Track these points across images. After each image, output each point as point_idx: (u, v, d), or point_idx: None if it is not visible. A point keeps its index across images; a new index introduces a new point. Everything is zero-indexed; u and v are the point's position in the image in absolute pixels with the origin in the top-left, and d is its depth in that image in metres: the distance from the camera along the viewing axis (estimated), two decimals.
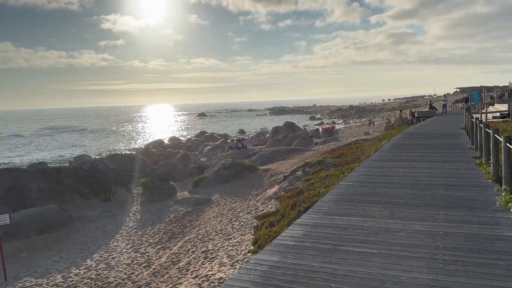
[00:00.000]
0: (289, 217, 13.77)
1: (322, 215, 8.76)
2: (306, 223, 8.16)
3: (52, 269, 15.71)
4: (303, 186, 18.04)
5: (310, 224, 8.10)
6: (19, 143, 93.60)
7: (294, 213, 13.99)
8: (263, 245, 12.39)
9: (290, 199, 16.38)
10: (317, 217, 8.58)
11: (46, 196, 23.48)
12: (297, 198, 16.16)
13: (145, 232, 19.76)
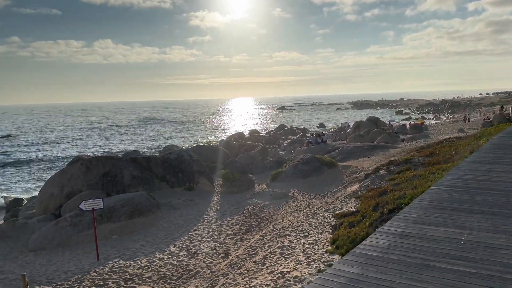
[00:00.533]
0: (370, 219, 12.99)
1: (410, 223, 7.94)
2: (391, 232, 7.44)
3: (139, 252, 16.79)
4: (387, 186, 16.96)
5: (396, 233, 7.37)
6: (116, 132, 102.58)
7: (376, 215, 13.16)
8: (341, 246, 11.85)
9: (372, 199, 15.48)
10: (404, 225, 7.77)
11: (136, 183, 25.23)
12: (380, 198, 15.21)
13: (224, 222, 20.23)
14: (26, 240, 19.96)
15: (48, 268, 15.73)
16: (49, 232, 19.47)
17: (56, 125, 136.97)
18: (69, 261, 16.50)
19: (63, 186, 23.90)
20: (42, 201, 23.92)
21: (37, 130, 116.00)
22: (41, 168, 52.69)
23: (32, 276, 14.80)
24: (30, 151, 69.62)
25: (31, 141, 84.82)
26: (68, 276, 14.45)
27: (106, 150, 65.60)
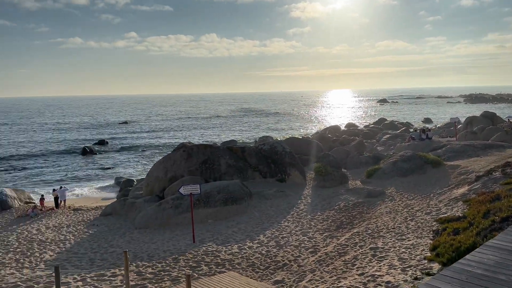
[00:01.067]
0: (479, 227, 11.56)
1: None
2: (503, 247, 6.37)
3: (231, 238, 17.37)
4: (501, 191, 14.97)
5: (509, 249, 6.36)
6: (217, 123, 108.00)
7: (486, 223, 11.67)
8: (442, 253, 10.74)
9: (483, 205, 13.79)
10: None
11: (231, 171, 26.16)
12: (492, 204, 13.48)
13: (314, 217, 19.90)
14: (133, 218, 22.04)
15: (150, 246, 17.13)
16: (153, 212, 21.21)
17: (164, 114, 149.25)
18: (169, 240, 17.77)
19: (167, 170, 25.82)
20: (148, 183, 26.17)
21: (148, 118, 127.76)
22: (150, 152, 57.87)
23: (136, 252, 16.25)
24: (142, 137, 76.92)
25: (143, 128, 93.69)
26: (166, 255, 15.56)
27: (207, 139, 69.47)
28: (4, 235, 20.55)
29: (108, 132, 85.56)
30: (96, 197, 33.39)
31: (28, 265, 15.14)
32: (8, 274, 14.06)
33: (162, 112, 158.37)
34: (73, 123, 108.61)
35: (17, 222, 23.81)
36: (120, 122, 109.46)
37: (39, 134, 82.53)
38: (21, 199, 29.21)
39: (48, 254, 16.71)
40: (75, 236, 19.66)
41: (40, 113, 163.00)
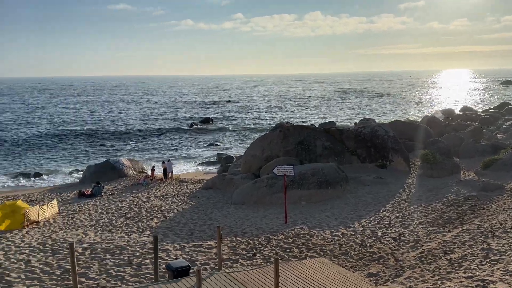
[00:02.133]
0: None
1: None
2: None
3: (324, 223, 16.93)
4: None
5: None
6: (316, 103, 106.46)
7: None
8: None
9: None
10: None
11: (327, 153, 25.44)
12: None
13: (417, 208, 18.36)
14: (231, 193, 22.87)
15: (244, 222, 17.57)
16: (249, 190, 21.72)
17: (265, 94, 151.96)
18: (262, 218, 18.02)
19: (263, 149, 26.15)
20: (246, 161, 26.85)
21: (250, 98, 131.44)
22: (249, 131, 59.55)
23: (231, 227, 16.80)
24: (243, 115, 79.47)
25: (245, 107, 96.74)
26: (259, 233, 15.78)
27: (304, 120, 68.94)
28: (119, 200, 23.00)
29: (213, 110, 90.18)
30: (199, 170, 35.51)
31: (136, 230, 16.67)
32: (118, 237, 15.65)
33: (263, 92, 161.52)
34: (181, 102, 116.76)
35: (130, 189, 26.47)
36: (224, 101, 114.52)
37: (152, 111, 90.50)
38: (135, 168, 32.38)
39: (154, 221, 18.20)
40: (178, 206, 21.11)
41: (155, 91, 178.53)
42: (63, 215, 20.00)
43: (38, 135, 55.53)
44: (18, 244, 14.55)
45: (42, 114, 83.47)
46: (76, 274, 8.85)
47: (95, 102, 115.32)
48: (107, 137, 54.57)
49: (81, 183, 30.17)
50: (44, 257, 13.06)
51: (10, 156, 42.61)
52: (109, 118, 75.62)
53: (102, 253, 13.59)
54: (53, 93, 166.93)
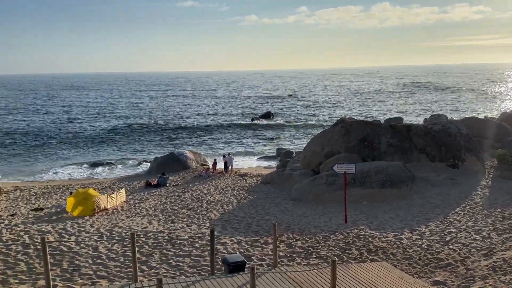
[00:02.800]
0: None
1: None
2: None
3: (387, 225, 16.11)
4: None
5: None
6: (382, 98, 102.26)
7: None
8: None
9: None
10: None
11: (393, 151, 24.21)
12: None
13: (492, 213, 16.82)
14: (289, 189, 22.64)
15: (302, 219, 17.27)
16: (307, 186, 21.33)
17: (327, 88, 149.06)
18: (320, 216, 17.59)
19: (323, 145, 25.54)
20: (305, 157, 26.43)
21: (312, 92, 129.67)
22: (309, 126, 58.73)
23: (288, 223, 16.59)
24: (304, 110, 78.58)
25: (306, 102, 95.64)
26: (317, 231, 15.41)
27: (368, 115, 66.52)
28: (182, 191, 23.77)
29: (274, 105, 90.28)
30: (259, 165, 35.68)
31: (196, 222, 17.07)
32: (179, 227, 16.13)
33: (325, 87, 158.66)
34: (243, 96, 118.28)
35: (193, 181, 27.27)
36: (285, 96, 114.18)
37: (214, 106, 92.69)
38: (198, 161, 33.32)
39: (213, 213, 18.54)
40: (237, 200, 21.33)
41: (218, 86, 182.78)
42: (130, 203, 21.08)
43: (111, 128, 59.32)
44: (88, 230, 15.55)
45: (115, 108, 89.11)
46: (136, 264, 9.20)
47: (162, 97, 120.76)
48: (172, 130, 56.84)
49: (148, 173, 31.71)
50: (110, 244, 13.82)
51: (85, 147, 45.97)
52: (175, 113, 78.74)
53: (163, 243, 14.07)
54: (126, 87, 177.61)
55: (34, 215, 18.34)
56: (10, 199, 22.60)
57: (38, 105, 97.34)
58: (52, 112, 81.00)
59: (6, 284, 10.16)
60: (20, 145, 46.84)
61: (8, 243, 13.55)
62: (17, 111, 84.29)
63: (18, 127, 60.51)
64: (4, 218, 17.59)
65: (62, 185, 27.97)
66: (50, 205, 20.79)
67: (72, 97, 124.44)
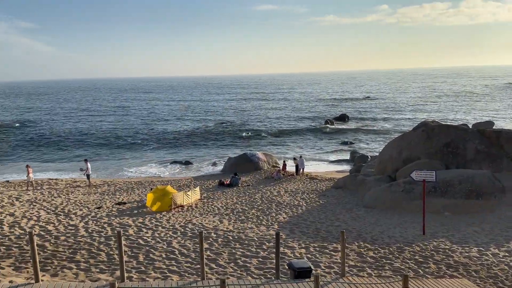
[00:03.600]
0: None
1: None
2: None
3: (470, 239, 14.73)
4: None
5: None
6: (470, 100, 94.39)
7: None
8: None
9: None
10: None
11: (480, 158, 22.13)
12: None
13: None
14: (362, 195, 21.78)
15: (375, 227, 16.48)
16: (382, 193, 20.33)
17: (407, 89, 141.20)
18: (395, 226, 16.65)
19: (401, 150, 24.17)
20: (381, 162, 25.24)
21: (392, 94, 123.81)
22: (387, 129, 56.08)
23: (360, 231, 15.93)
24: (382, 113, 75.24)
25: (385, 104, 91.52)
26: (391, 242, 14.59)
27: (455, 118, 61.73)
28: (252, 192, 24.08)
29: (350, 107, 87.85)
30: (331, 169, 34.92)
31: (265, 223, 17.14)
32: (248, 228, 16.31)
33: (406, 88, 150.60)
34: (317, 98, 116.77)
35: (263, 182, 27.50)
36: (362, 98, 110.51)
37: (288, 107, 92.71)
38: (269, 162, 33.56)
39: (282, 216, 18.48)
40: (307, 203, 21.05)
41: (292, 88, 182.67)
42: (204, 201, 21.86)
43: (190, 129, 62.27)
44: (164, 225, 16.40)
45: (194, 109, 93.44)
46: (204, 262, 9.45)
47: (238, 99, 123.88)
48: (246, 131, 57.97)
49: (222, 172, 32.71)
50: (183, 240, 14.41)
51: (167, 146, 48.77)
52: (250, 114, 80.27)
53: (232, 242, 14.33)
54: (207, 90, 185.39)
55: (118, 208, 19.82)
56: (98, 192, 24.70)
57: (126, 107, 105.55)
58: (139, 114, 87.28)
59: (88, 272, 11.06)
60: (110, 143, 51.14)
61: (93, 234, 14.79)
62: (106, 111, 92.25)
63: (107, 127, 66.13)
64: (91, 210, 19.26)
65: (144, 181, 29.93)
66: (132, 199, 22.33)
67: (158, 99, 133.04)
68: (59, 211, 18.68)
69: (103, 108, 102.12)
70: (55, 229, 15.29)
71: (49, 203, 20.47)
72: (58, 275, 10.83)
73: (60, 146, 49.19)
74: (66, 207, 19.55)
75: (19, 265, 11.42)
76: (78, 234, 14.67)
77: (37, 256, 9.15)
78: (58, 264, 11.67)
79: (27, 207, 19.35)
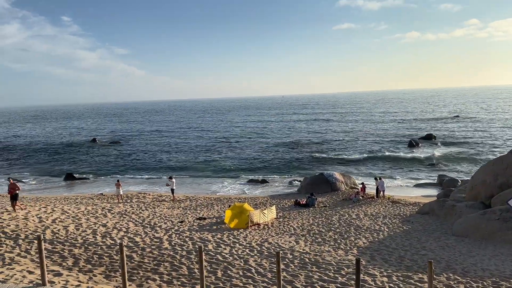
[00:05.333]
0: None
1: None
2: None
3: None
4: None
5: None
6: None
7: None
8: None
9: None
10: None
11: None
12: None
13: None
14: (451, 223, 20.07)
15: (466, 258, 15.03)
16: (475, 221, 18.56)
17: (502, 108, 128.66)
18: (490, 258, 15.02)
19: (497, 174, 21.94)
20: (473, 187, 23.14)
21: (481, 112, 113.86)
22: (479, 151, 51.39)
23: (449, 262, 14.63)
24: (473, 133, 69.30)
25: (474, 123, 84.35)
26: (484, 275, 13.17)
27: None
28: (329, 214, 23.48)
29: (437, 126, 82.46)
30: (416, 193, 32.82)
31: (343, 247, 16.53)
32: (326, 251, 15.86)
33: (502, 106, 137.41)
34: (401, 117, 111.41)
35: (341, 204, 26.70)
36: (451, 117, 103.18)
37: (369, 126, 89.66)
38: (347, 183, 32.57)
39: (361, 240, 17.70)
40: (389, 229, 19.94)
41: (372, 106, 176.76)
42: (280, 220, 21.81)
43: (265, 147, 63.15)
44: (241, 243, 16.64)
45: (271, 128, 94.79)
46: (280, 283, 9.35)
47: (316, 119, 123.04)
48: (323, 150, 57.15)
49: (298, 192, 32.48)
50: (260, 258, 14.45)
51: (245, 164, 49.90)
52: (330, 132, 79.14)
53: (309, 264, 14.02)
54: (282, 108, 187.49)
55: (199, 223, 20.61)
56: (181, 207, 25.95)
57: (205, 124, 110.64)
58: (218, 131, 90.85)
59: (170, 285, 11.55)
60: (190, 160, 53.79)
61: (176, 247, 15.49)
62: (187, 129, 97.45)
63: (188, 143, 69.70)
64: (175, 224, 20.26)
65: (223, 198, 30.82)
66: (211, 215, 23.08)
67: (238, 116, 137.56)
68: (146, 223, 19.93)
69: (184, 128, 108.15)
70: (141, 240, 16.31)
71: (137, 216, 21.96)
72: (143, 285, 11.47)
73: (147, 163, 52.92)
74: (152, 220, 20.81)
75: (109, 273, 12.32)
76: (162, 246, 15.46)
77: (125, 266, 9.81)
78: (143, 275, 12.38)
79: (118, 218, 20.95)
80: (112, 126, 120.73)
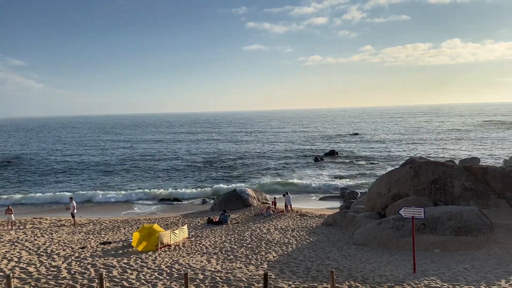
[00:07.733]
0: None
1: None
2: None
3: (460, 276, 14.56)
4: None
5: None
6: (456, 137, 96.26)
7: None
8: None
9: None
10: None
11: (468, 195, 22.30)
12: None
13: None
14: (352, 232, 21.58)
15: (365, 266, 16.24)
16: (372, 230, 20.19)
17: (394, 126, 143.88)
18: (386, 264, 16.42)
19: (390, 187, 24.27)
20: (370, 198, 25.24)
21: (377, 131, 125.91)
22: (376, 166, 56.51)
23: (351, 270, 15.66)
24: (371, 149, 76.09)
25: (371, 140, 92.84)
26: (381, 281, 14.34)
27: (441, 155, 62.62)
28: (242, 230, 23.70)
29: (338, 143, 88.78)
30: (321, 205, 34.73)
31: (254, 262, 16.76)
32: (237, 267, 15.93)
33: (393, 125, 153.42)
34: (306, 134, 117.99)
35: (253, 219, 27.15)
36: (350, 134, 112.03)
37: (276, 143, 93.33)
38: (259, 199, 33.31)
39: (272, 254, 18.13)
40: (297, 241, 20.74)
41: (282, 124, 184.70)
42: (192, 240, 21.40)
43: (178, 164, 61.84)
44: (150, 266, 15.93)
45: (181, 145, 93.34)
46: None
47: (228, 136, 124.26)
48: (233, 167, 57.82)
49: (211, 210, 32.25)
50: (169, 281, 13.96)
51: (156, 182, 48.16)
52: (242, 148, 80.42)
53: (220, 283, 13.92)
54: (196, 126, 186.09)
55: (103, 248, 19.27)
56: (83, 232, 24.07)
57: (106, 141, 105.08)
58: (119, 148, 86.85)
59: None
60: (96, 178, 50.38)
61: (76, 275, 14.27)
62: (85, 147, 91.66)
63: (92, 163, 65.40)
64: (75, 250, 18.69)
65: (131, 219, 29.31)
66: (117, 239, 21.76)
67: (149, 133, 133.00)
68: (42, 251, 18.09)
69: (89, 144, 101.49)
70: (36, 270, 14.73)
71: (32, 243, 19.83)
72: None
73: (44, 183, 48.30)
74: (49, 247, 18.95)
75: None
76: (60, 276, 14.13)
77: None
78: None
79: (8, 247, 18.70)
80: (4, 144, 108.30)
